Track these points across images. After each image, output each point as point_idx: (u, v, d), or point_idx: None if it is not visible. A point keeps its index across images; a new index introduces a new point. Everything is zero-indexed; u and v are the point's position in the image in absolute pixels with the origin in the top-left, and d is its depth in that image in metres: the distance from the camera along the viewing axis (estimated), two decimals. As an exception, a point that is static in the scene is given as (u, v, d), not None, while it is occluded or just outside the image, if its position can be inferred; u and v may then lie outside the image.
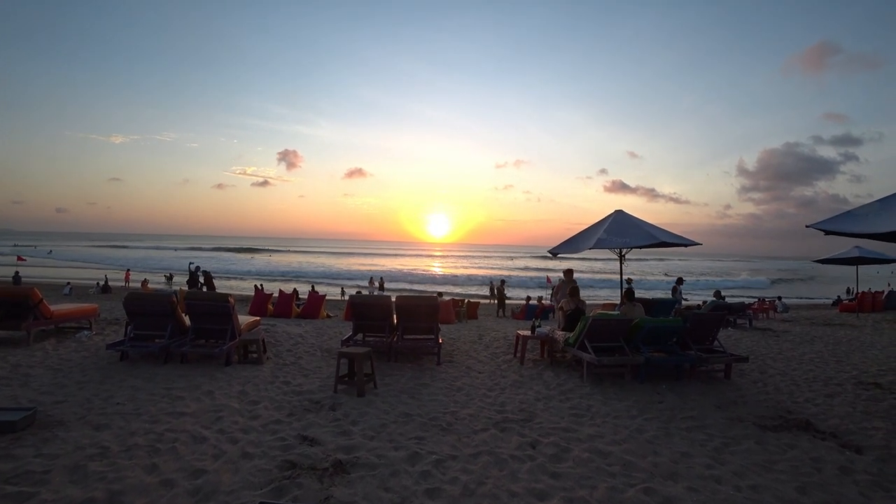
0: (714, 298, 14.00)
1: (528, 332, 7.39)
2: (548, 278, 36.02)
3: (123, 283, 28.11)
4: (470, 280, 43.45)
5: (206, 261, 48.56)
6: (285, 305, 13.71)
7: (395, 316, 7.68)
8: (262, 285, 23.44)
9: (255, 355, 7.05)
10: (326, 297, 15.85)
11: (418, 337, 7.62)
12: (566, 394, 5.70)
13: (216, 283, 19.60)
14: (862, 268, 17.84)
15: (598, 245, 7.34)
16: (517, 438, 4.33)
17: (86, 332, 8.34)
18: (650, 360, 6.27)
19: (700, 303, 14.50)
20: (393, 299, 7.90)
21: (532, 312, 13.97)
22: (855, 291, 18.85)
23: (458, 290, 34.48)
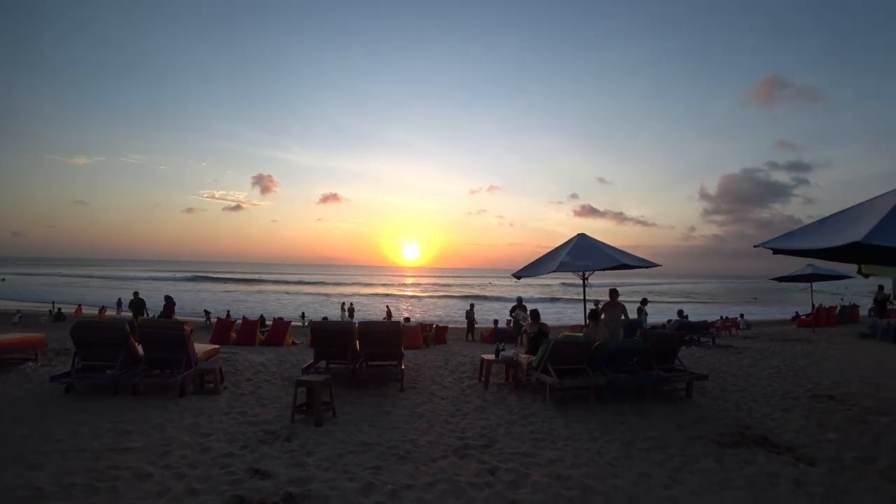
0: (678, 318, 14.28)
1: (492, 357, 7.35)
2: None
3: (75, 310, 26.89)
4: (438, 305, 43.29)
5: (182, 293, 46.56)
6: (249, 333, 13.36)
7: (357, 342, 7.54)
8: (228, 313, 22.84)
9: (211, 385, 6.80)
10: (292, 324, 15.52)
11: (382, 363, 7.49)
12: (529, 418, 5.65)
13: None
14: (818, 284, 18.60)
15: (561, 268, 7.43)
16: (476, 465, 4.24)
17: (30, 364, 7.90)
18: (613, 381, 6.30)
19: (665, 322, 14.77)
20: (356, 325, 7.77)
21: (500, 336, 13.97)
22: (812, 307, 19.54)
23: (438, 313, 34.30)
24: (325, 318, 18.56)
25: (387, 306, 29.96)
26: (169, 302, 15.10)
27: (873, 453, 4.81)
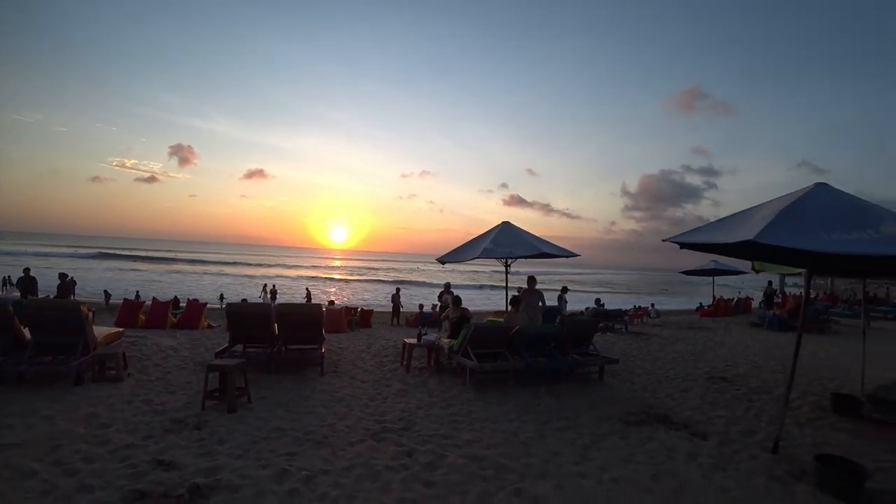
0: (595, 306, 15.03)
1: (414, 340, 7.36)
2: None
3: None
4: (365, 289, 42.77)
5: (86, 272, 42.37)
6: (159, 315, 12.48)
7: (276, 325, 7.26)
8: (137, 293, 21.23)
9: (112, 372, 6.27)
10: (208, 306, 14.70)
11: (302, 347, 7.27)
12: (448, 400, 5.72)
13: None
14: (719, 278, 20.31)
15: (485, 254, 7.55)
16: (394, 448, 4.23)
17: None
18: (531, 365, 6.51)
19: (583, 309, 15.50)
20: (274, 307, 7.47)
21: (425, 320, 14.03)
22: (713, 299, 21.28)
23: (364, 297, 33.79)
24: (244, 301, 17.76)
25: (307, 288, 28.97)
26: (64, 280, 13.78)
27: (755, 427, 5.33)
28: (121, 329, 8.07)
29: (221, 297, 25.86)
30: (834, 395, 6.29)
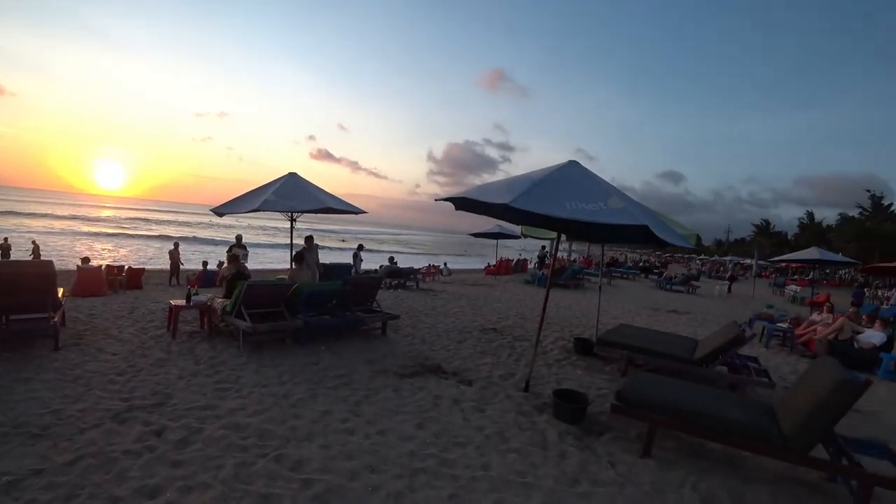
0: (388, 264, 15.46)
1: (182, 302, 6.54)
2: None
3: None
4: (140, 244, 36.88)
5: None
6: None
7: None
8: None
9: None
10: None
11: (28, 317, 5.87)
12: (216, 367, 5.24)
13: None
14: (506, 241, 22.74)
15: (265, 206, 7.01)
16: (140, 429, 3.70)
17: None
18: (309, 323, 6.34)
19: (377, 267, 15.85)
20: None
21: (210, 280, 12.72)
22: (497, 259, 23.81)
23: (139, 255, 28.95)
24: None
25: (33, 242, 22.86)
26: None
27: (514, 370, 6.09)
28: None
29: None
30: (575, 339, 7.56)
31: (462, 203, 5.37)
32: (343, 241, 54.67)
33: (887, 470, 3.65)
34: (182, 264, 14.71)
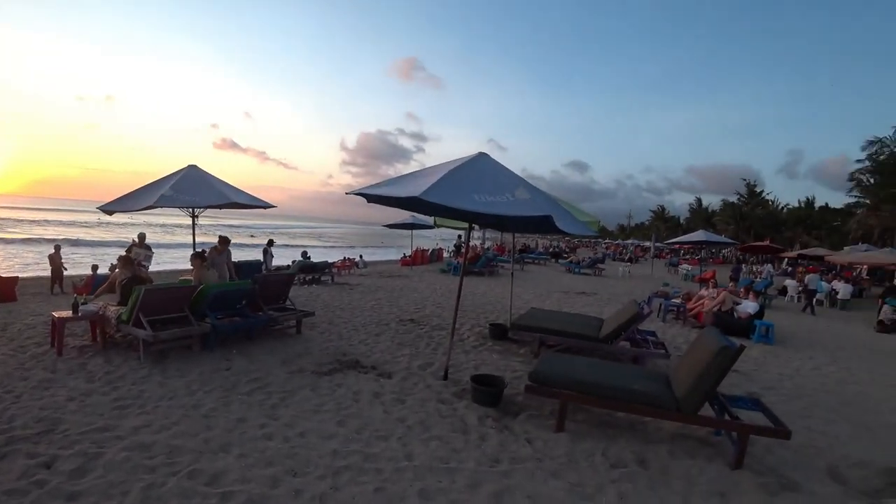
0: (301, 259, 15.00)
1: (68, 313, 5.90)
2: None
3: None
4: (12, 249, 32.51)
5: None
6: None
7: None
8: None
9: None
10: None
11: None
12: (114, 383, 4.80)
13: None
14: (421, 231, 22.84)
15: (162, 202, 6.48)
16: (24, 462, 3.29)
17: None
18: (216, 327, 6.01)
19: (290, 263, 15.30)
20: None
21: (99, 285, 11.51)
22: (412, 249, 23.85)
23: (27, 258, 25.42)
24: None
25: None
26: None
27: (432, 360, 6.19)
28: None
29: None
30: (491, 325, 7.82)
31: (373, 196, 5.33)
32: (252, 236, 52.12)
33: (760, 420, 4.18)
34: (65, 269, 13.22)
